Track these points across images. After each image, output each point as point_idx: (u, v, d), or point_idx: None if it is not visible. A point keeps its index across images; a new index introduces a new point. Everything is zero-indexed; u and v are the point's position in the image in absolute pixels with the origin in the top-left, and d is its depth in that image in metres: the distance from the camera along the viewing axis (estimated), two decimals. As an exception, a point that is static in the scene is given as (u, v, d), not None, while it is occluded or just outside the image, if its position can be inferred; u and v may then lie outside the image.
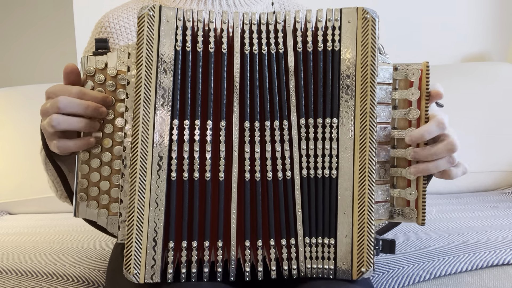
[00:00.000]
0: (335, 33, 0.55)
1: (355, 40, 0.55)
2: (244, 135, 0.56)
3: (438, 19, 1.62)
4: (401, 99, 0.57)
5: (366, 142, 0.55)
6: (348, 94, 0.55)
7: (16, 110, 1.37)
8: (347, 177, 0.56)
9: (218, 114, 0.56)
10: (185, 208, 0.55)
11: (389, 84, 0.57)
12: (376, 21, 0.55)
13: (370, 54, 0.55)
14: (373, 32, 0.55)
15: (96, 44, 0.57)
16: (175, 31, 0.54)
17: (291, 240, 0.57)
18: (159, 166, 0.54)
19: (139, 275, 0.54)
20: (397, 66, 0.57)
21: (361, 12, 0.55)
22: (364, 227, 0.56)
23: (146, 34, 0.54)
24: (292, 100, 0.56)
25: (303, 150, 0.56)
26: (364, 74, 0.55)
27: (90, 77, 0.56)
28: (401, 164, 0.58)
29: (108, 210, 0.57)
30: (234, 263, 0.56)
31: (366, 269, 0.56)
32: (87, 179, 0.56)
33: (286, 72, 0.56)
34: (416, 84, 0.56)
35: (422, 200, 0.57)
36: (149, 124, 0.54)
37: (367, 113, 0.55)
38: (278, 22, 0.56)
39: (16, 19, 1.65)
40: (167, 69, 0.54)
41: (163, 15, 0.54)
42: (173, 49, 0.54)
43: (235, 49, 0.55)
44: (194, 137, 0.55)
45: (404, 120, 0.58)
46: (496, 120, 1.35)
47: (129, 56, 0.56)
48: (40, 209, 1.33)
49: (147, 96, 0.54)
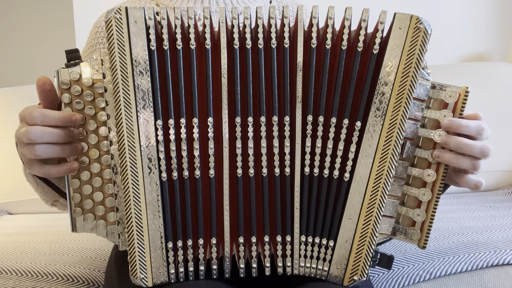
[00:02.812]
0: (377, 35, 0.53)
1: (401, 48, 0.53)
2: (235, 131, 0.54)
3: (438, 19, 1.62)
4: (432, 118, 0.54)
5: (389, 154, 0.53)
6: (381, 102, 0.53)
7: (16, 110, 1.36)
8: (361, 184, 0.54)
9: (204, 111, 0.55)
10: (177, 207, 0.55)
11: (423, 101, 0.54)
12: (428, 33, 0.52)
13: (414, 66, 0.52)
14: (423, 43, 0.52)
15: (67, 55, 0.55)
16: (146, 31, 0.52)
17: (287, 237, 0.56)
18: (150, 169, 0.54)
19: (147, 279, 0.55)
20: (435, 85, 0.54)
21: (415, 21, 0.52)
22: (366, 237, 0.55)
23: (116, 37, 0.52)
24: (298, 96, 0.54)
25: (308, 147, 0.55)
26: (403, 85, 0.53)
27: (66, 90, 0.54)
28: (416, 184, 0.56)
29: (105, 220, 0.56)
30: (229, 260, 0.56)
31: (359, 278, 0.55)
32: (79, 193, 0.56)
33: (292, 67, 0.54)
34: (450, 107, 0.54)
35: (429, 224, 0.55)
36: (133, 128, 0.53)
37: (397, 125, 0.53)
38: (285, 17, 0.53)
39: (16, 19, 1.65)
40: (143, 71, 0.53)
41: (130, 16, 0.52)
42: (147, 50, 0.53)
43: (222, 45, 0.54)
44: (181, 136, 0.54)
45: (429, 140, 0.55)
46: (496, 120, 1.35)
47: (103, 63, 0.54)
48: (40, 209, 1.33)
49: (127, 100, 0.53)
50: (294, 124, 0.55)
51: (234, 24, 0.53)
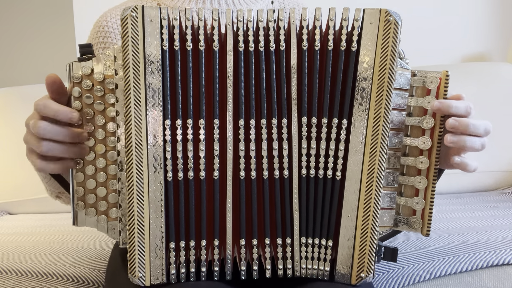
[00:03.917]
0: (354, 33, 0.54)
1: (375, 43, 0.54)
2: (238, 133, 0.55)
3: (438, 19, 1.62)
4: (417, 106, 0.56)
5: (377, 147, 0.54)
6: (363, 97, 0.54)
7: (16, 110, 1.37)
8: (354, 181, 0.55)
9: (210, 113, 0.55)
10: (181, 208, 0.55)
11: (405, 90, 0.55)
12: (399, 24, 0.53)
13: (390, 58, 0.53)
14: (395, 35, 0.53)
15: (80, 50, 0.56)
16: (160, 30, 0.53)
17: (287, 240, 0.57)
18: (155, 168, 0.54)
19: (145, 278, 0.54)
20: (415, 73, 0.55)
21: (384, 14, 0.53)
22: (367, 233, 0.55)
23: (130, 35, 0.52)
24: (294, 98, 0.55)
25: (304, 149, 0.55)
26: (381, 78, 0.53)
27: (77, 84, 0.55)
28: (411, 173, 0.56)
29: (107, 216, 0.57)
30: (230, 262, 0.56)
31: (365, 274, 0.55)
32: (83, 187, 0.56)
33: (287, 70, 0.55)
34: (433, 93, 0.55)
35: (429, 211, 0.56)
36: (141, 126, 0.53)
37: (381, 118, 0.54)
38: (281, 20, 0.54)
39: (16, 19, 1.65)
40: (155, 70, 0.53)
41: (147, 15, 0.53)
42: (160, 49, 0.53)
43: (228, 47, 0.54)
44: (187, 137, 0.55)
45: (418, 128, 0.56)
46: (496, 120, 1.35)
47: (115, 59, 0.55)
48: (40, 209, 1.33)
49: (137, 98, 0.53)
50: (291, 126, 0.55)
51: (240, 26, 0.54)
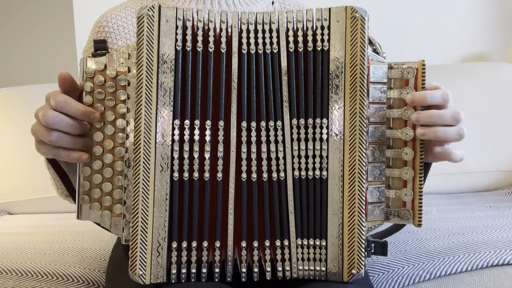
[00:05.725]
0: (324, 32, 0.55)
1: (344, 40, 0.55)
2: (241, 135, 0.56)
3: (438, 20, 1.62)
4: (397, 98, 0.57)
5: (356, 143, 0.55)
6: (337, 94, 0.55)
7: (16, 110, 1.37)
8: (337, 178, 0.55)
9: (217, 114, 0.56)
10: (185, 208, 0.55)
11: (384, 84, 0.56)
12: (366, 20, 0.54)
13: (359, 54, 0.54)
14: (363, 31, 0.54)
15: (95, 45, 0.57)
16: (175, 30, 0.54)
17: (285, 241, 0.57)
18: (162, 167, 0.54)
19: (145, 276, 0.54)
20: (392, 65, 0.56)
21: (350, 11, 0.54)
22: (354, 229, 0.55)
23: (146, 34, 0.53)
24: (285, 100, 0.56)
25: (295, 151, 0.56)
26: (353, 73, 0.54)
27: (90, 79, 0.55)
28: (397, 165, 0.57)
29: (111, 211, 0.57)
30: (231, 264, 0.56)
31: (357, 271, 0.55)
32: (89, 181, 0.56)
33: (280, 72, 0.56)
34: (411, 83, 0.56)
35: (419, 201, 0.57)
36: (151, 124, 0.54)
37: (357, 114, 0.54)
38: (273, 22, 0.55)
39: (16, 19, 1.65)
40: (168, 69, 0.54)
41: (163, 15, 0.53)
42: (174, 49, 0.54)
43: (233, 49, 0.55)
44: (194, 137, 0.55)
45: (400, 120, 0.57)
46: (496, 120, 1.35)
47: (129, 57, 0.55)
48: (40, 209, 1.33)
49: (148, 97, 0.54)
50: (284, 128, 0.56)
51: (243, 29, 0.55)
